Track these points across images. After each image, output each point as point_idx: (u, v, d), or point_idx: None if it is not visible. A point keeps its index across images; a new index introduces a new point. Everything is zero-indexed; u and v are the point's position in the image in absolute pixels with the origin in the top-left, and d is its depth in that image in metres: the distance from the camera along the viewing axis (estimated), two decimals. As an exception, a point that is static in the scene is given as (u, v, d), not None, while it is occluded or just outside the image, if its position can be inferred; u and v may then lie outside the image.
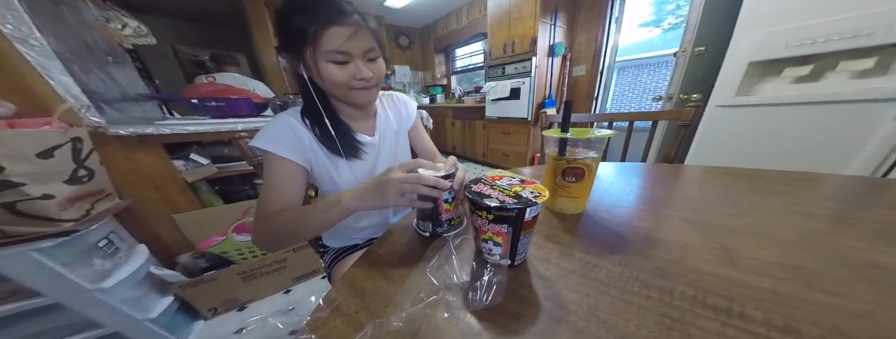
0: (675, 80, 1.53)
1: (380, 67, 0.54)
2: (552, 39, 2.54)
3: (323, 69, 0.49)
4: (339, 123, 0.58)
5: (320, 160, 0.58)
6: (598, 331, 0.25)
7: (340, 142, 0.57)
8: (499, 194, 0.32)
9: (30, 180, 0.68)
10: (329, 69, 0.49)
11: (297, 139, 0.54)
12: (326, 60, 0.48)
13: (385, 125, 0.68)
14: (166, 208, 1.13)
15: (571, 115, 0.46)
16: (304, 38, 0.46)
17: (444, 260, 0.36)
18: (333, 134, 0.56)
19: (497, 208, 0.30)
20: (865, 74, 0.87)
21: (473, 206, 0.33)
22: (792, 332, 0.23)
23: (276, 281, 1.31)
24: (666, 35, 2.29)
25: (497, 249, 0.34)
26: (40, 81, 0.79)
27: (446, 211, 0.44)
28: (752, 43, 1.03)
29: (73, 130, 0.79)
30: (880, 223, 0.41)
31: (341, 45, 0.46)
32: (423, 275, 0.34)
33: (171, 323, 1.04)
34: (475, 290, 0.30)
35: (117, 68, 1.04)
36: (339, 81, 0.50)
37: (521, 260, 0.36)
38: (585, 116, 1.07)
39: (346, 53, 0.48)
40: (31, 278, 0.75)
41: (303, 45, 0.47)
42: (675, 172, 0.71)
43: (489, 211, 0.31)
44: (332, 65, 0.49)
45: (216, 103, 1.26)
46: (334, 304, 0.31)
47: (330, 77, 0.49)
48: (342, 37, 0.46)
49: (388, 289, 0.33)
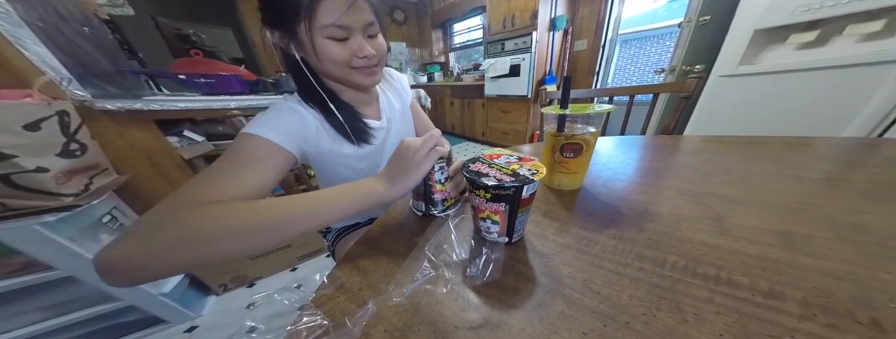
0: (679, 51, 1.50)
1: (381, 43, 0.49)
2: (553, 12, 2.43)
3: (320, 47, 0.43)
4: (343, 107, 0.53)
5: (324, 148, 0.53)
6: (591, 303, 0.26)
7: (350, 127, 0.52)
8: (496, 172, 0.32)
9: (20, 152, 0.68)
10: (327, 46, 0.43)
11: (302, 128, 0.48)
12: (324, 35, 0.42)
13: (389, 108, 0.64)
14: (165, 184, 1.14)
15: (571, 91, 0.45)
16: (297, 11, 0.40)
17: (443, 239, 0.36)
18: (342, 119, 0.51)
19: (494, 186, 0.30)
20: (872, 36, 0.87)
21: (471, 185, 0.33)
22: (776, 295, 0.24)
23: (283, 259, 1.35)
24: (671, 5, 2.19)
25: (495, 227, 0.34)
26: (13, 51, 0.76)
27: (439, 191, 0.42)
28: (758, 9, 1.00)
29: (57, 103, 0.77)
30: (868, 183, 0.42)
31: (340, 17, 0.41)
32: (422, 253, 0.35)
33: (184, 298, 1.09)
34: (474, 267, 0.31)
35: (95, 40, 0.99)
36: (340, 60, 0.45)
37: (518, 237, 0.36)
38: (586, 92, 1.05)
39: (346, 28, 0.43)
40: (40, 251, 0.77)
41: (295, 19, 0.41)
42: (673, 143, 0.71)
43: (487, 190, 0.31)
44: (330, 41, 0.43)
45: (205, 80, 1.22)
46: (338, 282, 0.32)
47: (329, 55, 0.44)
48: (340, 8, 0.41)
49: (390, 267, 0.34)
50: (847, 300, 0.23)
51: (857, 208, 0.36)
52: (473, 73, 3.56)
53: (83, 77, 0.88)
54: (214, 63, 1.33)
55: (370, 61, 0.47)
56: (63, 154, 0.77)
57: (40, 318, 0.86)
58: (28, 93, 0.75)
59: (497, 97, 2.96)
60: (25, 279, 0.79)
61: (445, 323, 0.26)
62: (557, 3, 2.40)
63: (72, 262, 0.80)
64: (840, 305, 0.23)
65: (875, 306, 0.23)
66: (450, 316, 0.26)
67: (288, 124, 0.46)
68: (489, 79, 2.92)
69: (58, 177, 0.75)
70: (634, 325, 0.23)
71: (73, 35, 0.91)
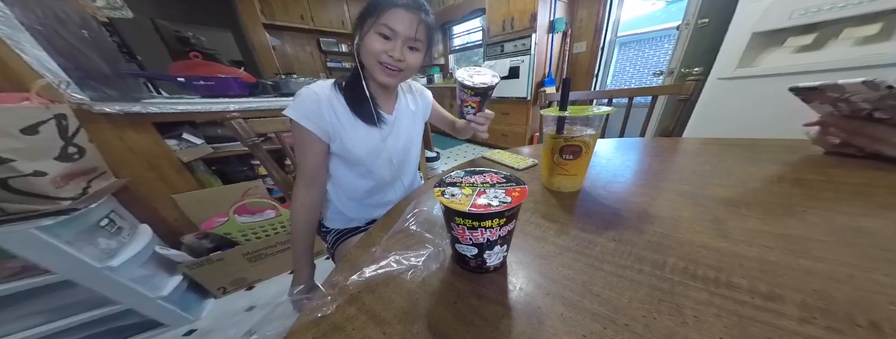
0: (677, 54, 1.50)
1: (416, 58, 0.58)
2: (552, 15, 2.44)
3: (367, 37, 0.54)
4: (368, 92, 0.62)
5: (336, 129, 0.61)
6: (591, 305, 0.26)
7: (365, 107, 0.62)
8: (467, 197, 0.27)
9: (18, 156, 0.68)
10: (372, 38, 0.54)
11: (317, 111, 0.57)
12: (376, 31, 0.53)
13: (404, 108, 0.71)
14: (164, 188, 1.13)
15: (570, 93, 0.45)
16: (373, 10, 0.53)
17: (444, 246, 0.36)
18: (369, 96, 0.61)
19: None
20: (868, 40, 0.87)
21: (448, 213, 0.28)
22: (775, 298, 0.24)
23: (282, 262, 1.34)
24: (669, 8, 2.20)
25: (501, 249, 0.30)
26: (11, 54, 0.76)
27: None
28: (756, 12, 1.01)
29: (55, 106, 0.77)
30: (867, 187, 0.42)
31: (393, 22, 0.52)
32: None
33: (182, 301, 1.08)
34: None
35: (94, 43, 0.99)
36: (372, 51, 0.54)
37: (498, 263, 0.32)
38: (585, 94, 1.05)
39: (393, 31, 0.53)
40: (37, 256, 0.76)
41: (369, 15, 0.53)
42: (672, 145, 0.71)
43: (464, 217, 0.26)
44: (376, 36, 0.54)
45: (204, 82, 1.22)
46: (337, 285, 0.32)
47: (369, 45, 0.54)
48: (400, 20, 0.52)
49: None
50: (846, 302, 0.23)
51: (856, 211, 0.36)
52: (473, 75, 3.56)
53: (82, 80, 0.88)
54: (214, 65, 1.33)
55: (396, 65, 0.56)
56: (61, 158, 0.77)
57: (38, 322, 0.85)
58: (26, 96, 0.75)
59: (496, 99, 2.96)
60: (23, 283, 0.78)
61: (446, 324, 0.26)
62: (556, 5, 2.41)
63: (69, 266, 0.80)
64: (839, 308, 0.23)
65: (874, 308, 0.23)
66: (450, 318, 0.26)
67: (307, 107, 0.57)
68: (488, 81, 2.93)
69: (56, 181, 0.75)
70: (634, 327, 0.23)
71: (72, 38, 0.91)
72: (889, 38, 0.84)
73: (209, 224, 1.18)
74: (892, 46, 0.83)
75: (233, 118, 0.64)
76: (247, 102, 1.21)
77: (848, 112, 0.52)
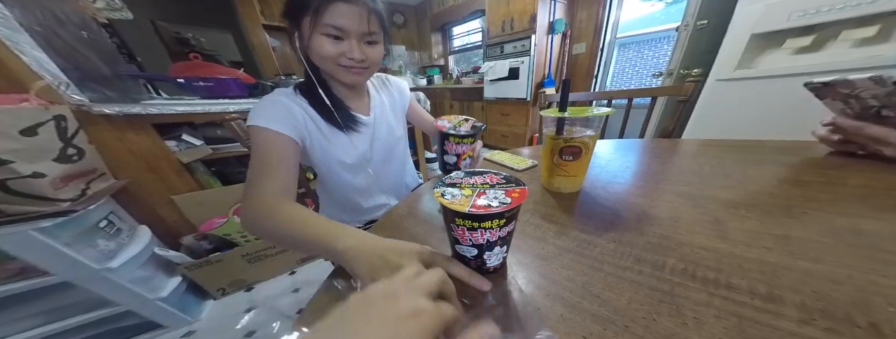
0: (676, 55, 1.51)
1: (377, 52, 0.53)
2: (552, 16, 2.44)
3: (314, 41, 0.48)
4: (333, 97, 0.57)
5: (315, 137, 0.57)
6: (591, 306, 0.26)
7: (338, 114, 0.56)
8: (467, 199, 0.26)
9: (17, 158, 0.68)
10: (320, 41, 0.48)
11: (289, 115, 0.52)
12: (321, 32, 0.47)
13: (379, 105, 0.67)
14: (164, 189, 1.13)
15: (570, 94, 0.45)
16: (306, 7, 0.46)
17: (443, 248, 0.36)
18: (330, 105, 0.55)
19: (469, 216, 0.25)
20: (866, 42, 0.87)
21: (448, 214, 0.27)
22: (774, 299, 0.24)
23: (281, 263, 1.34)
24: (669, 9, 2.21)
25: (501, 250, 0.30)
26: (10, 56, 0.76)
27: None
28: (755, 14, 1.01)
29: (54, 107, 0.77)
30: (865, 188, 0.43)
31: (340, 21, 0.46)
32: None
33: (181, 302, 1.08)
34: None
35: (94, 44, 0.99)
36: (327, 55, 0.49)
37: (498, 264, 0.32)
38: (584, 95, 1.05)
39: (343, 30, 0.47)
40: (36, 257, 0.76)
41: (302, 13, 0.47)
42: (672, 146, 0.71)
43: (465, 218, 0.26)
44: (324, 38, 0.48)
45: (204, 83, 1.22)
46: (337, 287, 0.32)
47: (319, 50, 0.49)
48: (345, 15, 0.46)
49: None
50: (845, 303, 0.23)
51: (855, 212, 0.36)
52: (473, 76, 3.57)
53: (81, 81, 0.88)
54: (213, 66, 1.33)
55: (358, 65, 0.51)
56: (60, 159, 0.77)
57: (36, 324, 0.85)
58: (25, 97, 0.75)
59: (496, 100, 2.97)
60: (21, 285, 0.78)
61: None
62: (556, 6, 2.41)
63: (68, 267, 0.80)
64: (838, 309, 0.23)
65: (873, 310, 0.23)
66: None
67: (277, 113, 0.51)
68: (488, 82, 2.93)
69: (54, 182, 0.75)
70: (634, 329, 0.23)
71: (72, 39, 0.91)
72: (887, 40, 0.84)
73: (208, 225, 1.18)
74: (890, 48, 0.83)
75: (232, 119, 0.65)
76: (246, 103, 1.21)
77: (858, 109, 0.52)
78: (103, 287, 0.87)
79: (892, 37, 0.83)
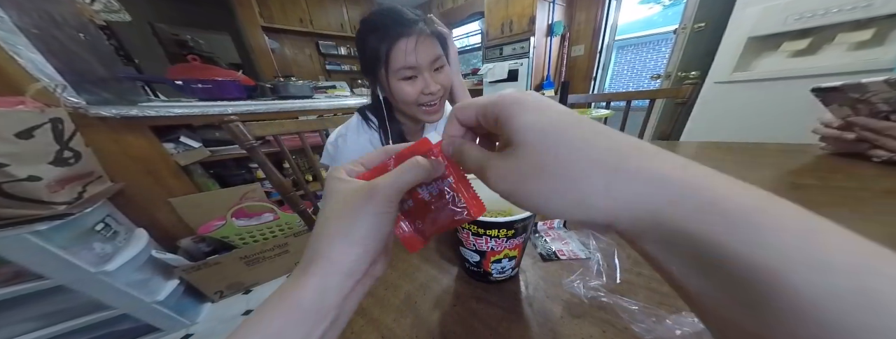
0: (675, 58, 1.51)
1: (445, 75, 0.54)
2: (551, 18, 2.46)
3: (395, 87, 0.50)
4: (394, 131, 0.61)
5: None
6: (590, 308, 0.26)
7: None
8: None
9: (12, 161, 0.67)
10: (400, 87, 0.50)
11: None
12: (398, 77, 0.49)
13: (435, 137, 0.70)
14: (161, 191, 1.13)
15: (569, 95, 0.45)
16: (378, 58, 0.47)
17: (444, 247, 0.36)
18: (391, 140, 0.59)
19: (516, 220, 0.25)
20: (862, 45, 0.88)
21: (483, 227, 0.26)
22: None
23: (280, 265, 1.33)
24: (666, 12, 2.22)
25: (510, 263, 0.29)
26: (6, 58, 0.75)
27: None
28: (751, 17, 1.02)
29: (51, 110, 0.76)
30: (863, 191, 0.43)
31: (407, 59, 0.47)
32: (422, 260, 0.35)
33: (179, 305, 1.07)
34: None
35: (91, 46, 0.99)
36: (410, 99, 0.51)
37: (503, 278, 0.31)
38: (583, 97, 1.06)
39: (414, 68, 0.49)
40: (30, 261, 0.75)
41: (377, 66, 0.48)
42: (670, 148, 0.70)
43: (508, 227, 0.25)
44: (402, 82, 0.50)
45: (202, 85, 1.22)
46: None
47: (401, 95, 0.50)
48: (408, 50, 0.46)
49: (389, 274, 0.34)
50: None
51: (852, 214, 0.36)
52: (472, 77, 3.58)
53: (78, 83, 0.88)
54: (212, 68, 1.33)
55: (434, 97, 0.53)
56: (56, 162, 0.76)
57: (32, 328, 0.84)
58: (21, 100, 0.74)
59: (494, 102, 2.97)
60: (16, 289, 0.77)
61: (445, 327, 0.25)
62: (555, 8, 2.43)
63: (63, 271, 0.79)
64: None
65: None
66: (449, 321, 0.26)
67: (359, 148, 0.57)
68: (487, 83, 2.94)
69: (50, 185, 0.74)
70: (634, 331, 0.23)
71: (69, 41, 0.91)
72: (882, 44, 0.85)
73: (206, 228, 1.17)
74: (885, 52, 0.84)
75: (231, 121, 0.64)
76: (245, 105, 1.21)
77: (866, 114, 0.51)
78: (99, 291, 0.86)
79: (887, 40, 0.84)
